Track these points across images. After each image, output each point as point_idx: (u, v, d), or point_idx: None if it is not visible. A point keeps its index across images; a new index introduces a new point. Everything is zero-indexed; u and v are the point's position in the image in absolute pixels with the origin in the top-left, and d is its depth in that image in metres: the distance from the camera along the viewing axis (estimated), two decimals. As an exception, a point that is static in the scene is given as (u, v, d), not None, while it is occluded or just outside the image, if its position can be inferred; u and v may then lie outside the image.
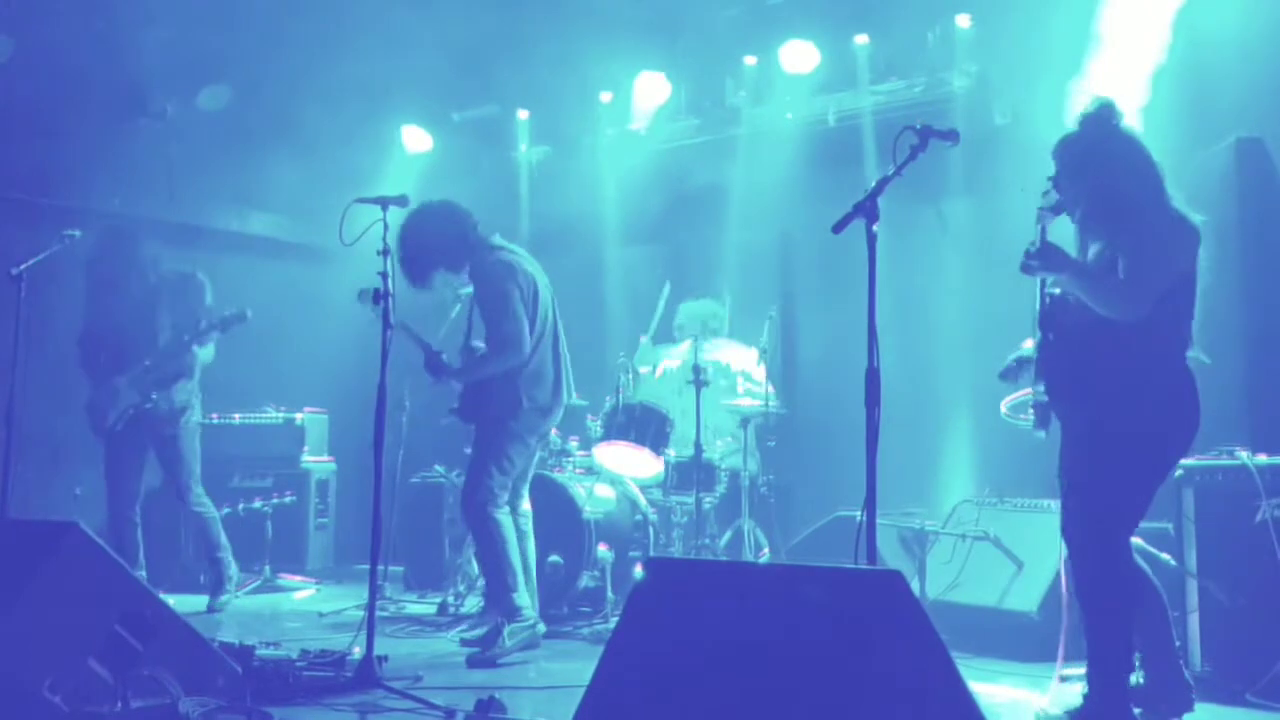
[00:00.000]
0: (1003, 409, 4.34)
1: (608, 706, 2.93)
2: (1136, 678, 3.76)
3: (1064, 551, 3.90)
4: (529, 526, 5.50)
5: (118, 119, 7.62)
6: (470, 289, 5.43)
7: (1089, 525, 3.66)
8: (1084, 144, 3.72)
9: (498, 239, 5.46)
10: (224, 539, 6.55)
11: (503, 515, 5.23)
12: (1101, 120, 3.72)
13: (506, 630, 5.03)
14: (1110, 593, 3.62)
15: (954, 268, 7.00)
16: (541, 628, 5.24)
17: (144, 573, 6.27)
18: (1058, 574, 4.91)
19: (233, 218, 8.69)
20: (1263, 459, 4.33)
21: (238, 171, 8.14)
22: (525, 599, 5.19)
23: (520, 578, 5.21)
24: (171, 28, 6.94)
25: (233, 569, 6.56)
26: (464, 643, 5.33)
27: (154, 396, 6.27)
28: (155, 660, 3.56)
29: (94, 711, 3.40)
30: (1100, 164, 3.67)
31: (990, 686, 4.43)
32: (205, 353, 6.45)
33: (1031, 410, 3.78)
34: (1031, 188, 3.85)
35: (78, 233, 5.74)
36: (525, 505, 5.53)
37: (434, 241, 5.26)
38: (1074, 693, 3.78)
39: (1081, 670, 3.73)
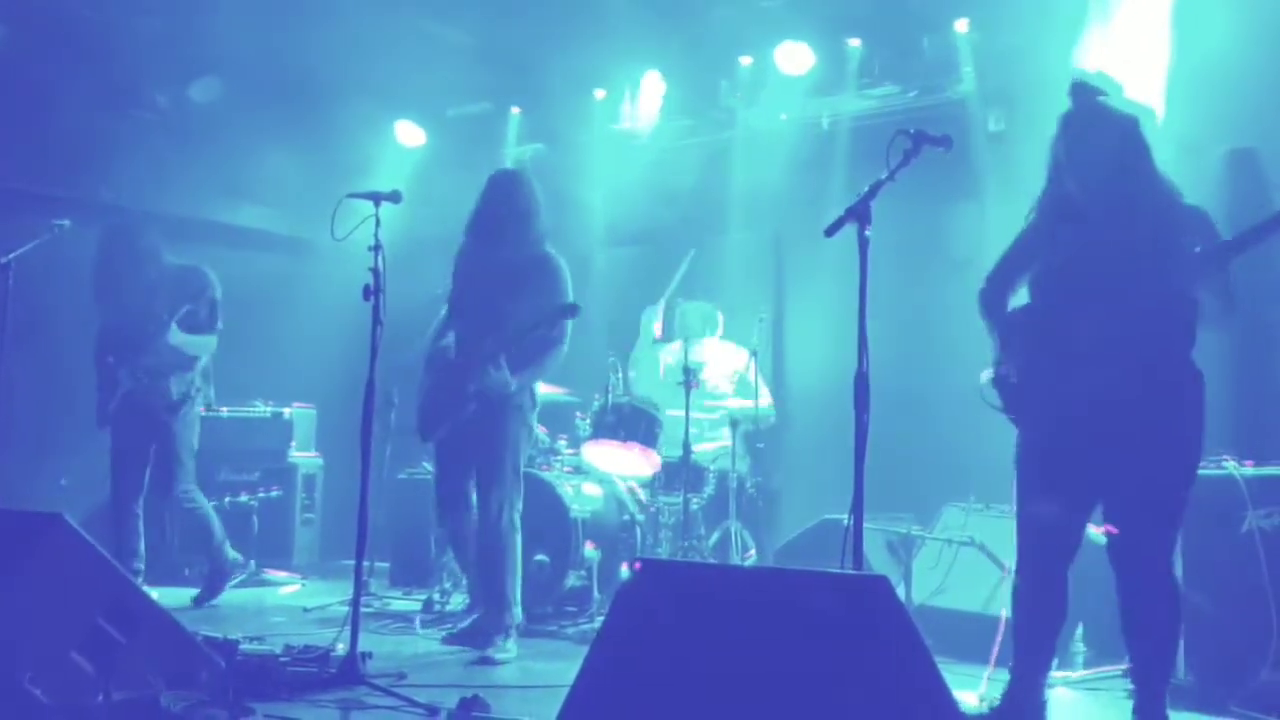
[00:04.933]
0: (982, 380, 4.10)
1: (592, 706, 2.93)
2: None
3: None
4: None
5: (108, 109, 7.59)
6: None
7: (1170, 546, 3.57)
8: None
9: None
10: (220, 531, 6.46)
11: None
12: None
13: (508, 643, 5.01)
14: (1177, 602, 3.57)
15: (945, 273, 7.00)
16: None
17: (142, 565, 6.24)
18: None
19: (223, 209, 8.65)
20: (1249, 469, 4.35)
21: (228, 163, 8.12)
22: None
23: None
24: (163, 18, 6.92)
25: (229, 565, 6.51)
26: (448, 639, 5.32)
27: (147, 383, 6.24)
28: (138, 653, 3.54)
29: (76, 704, 3.39)
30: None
31: (973, 692, 4.43)
32: (206, 342, 6.39)
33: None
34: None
35: (67, 222, 5.71)
36: None
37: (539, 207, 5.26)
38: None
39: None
